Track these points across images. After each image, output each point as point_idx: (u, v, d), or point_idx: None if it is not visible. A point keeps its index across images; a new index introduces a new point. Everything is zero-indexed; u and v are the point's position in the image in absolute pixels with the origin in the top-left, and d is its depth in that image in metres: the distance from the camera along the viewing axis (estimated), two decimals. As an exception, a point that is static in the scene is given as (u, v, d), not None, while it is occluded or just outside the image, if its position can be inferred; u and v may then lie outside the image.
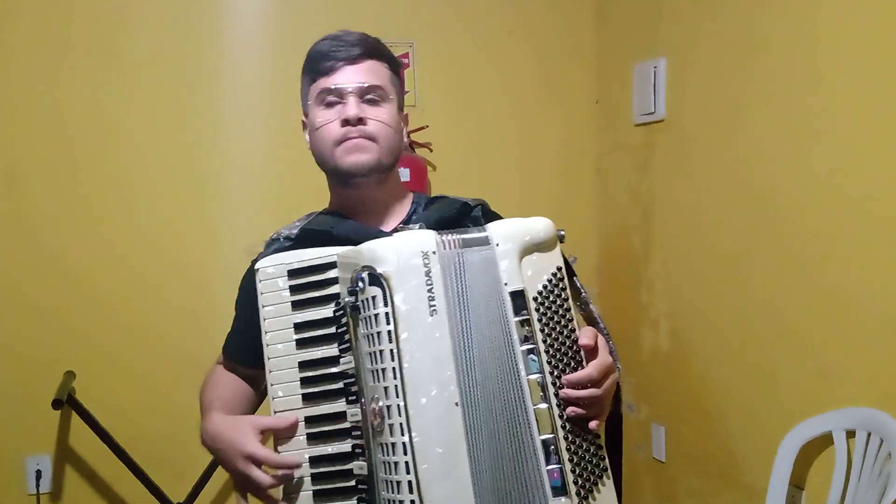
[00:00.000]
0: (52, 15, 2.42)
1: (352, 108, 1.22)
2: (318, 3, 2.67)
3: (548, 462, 1.06)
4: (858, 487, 1.79)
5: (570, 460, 1.07)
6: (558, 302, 1.11)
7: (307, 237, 1.24)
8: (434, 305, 1.07)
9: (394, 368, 1.04)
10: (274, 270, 1.18)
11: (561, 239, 1.16)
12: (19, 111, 2.41)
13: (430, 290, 1.07)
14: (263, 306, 1.17)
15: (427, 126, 2.65)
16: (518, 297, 1.09)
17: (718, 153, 2.31)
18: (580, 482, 1.08)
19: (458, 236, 1.11)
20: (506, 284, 1.09)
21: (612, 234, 2.88)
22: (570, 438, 1.08)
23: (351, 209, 1.30)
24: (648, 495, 2.70)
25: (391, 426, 1.04)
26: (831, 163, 1.92)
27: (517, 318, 1.08)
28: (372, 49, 1.28)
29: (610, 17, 2.86)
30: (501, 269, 1.10)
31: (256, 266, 1.19)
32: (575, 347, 1.11)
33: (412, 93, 2.73)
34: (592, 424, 1.08)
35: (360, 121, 1.22)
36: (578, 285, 1.22)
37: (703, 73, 2.37)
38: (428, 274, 1.07)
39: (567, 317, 1.11)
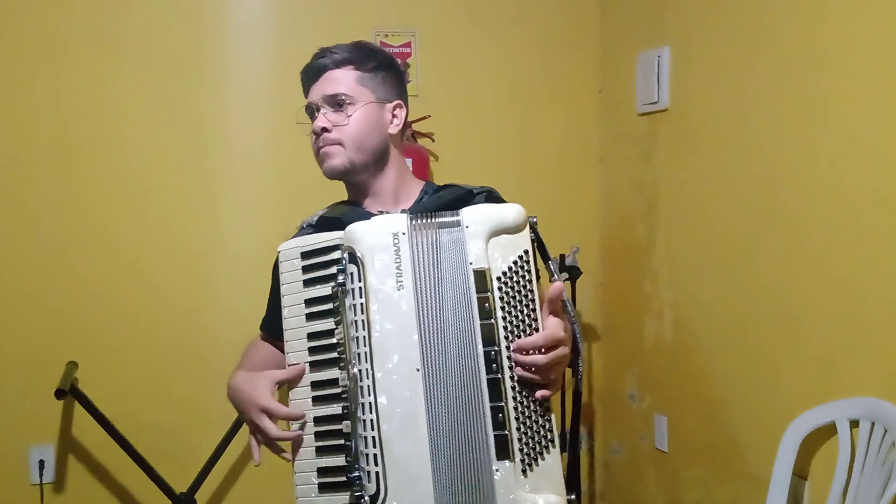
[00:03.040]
0: (53, 7, 2.41)
1: (316, 120, 1.40)
2: (322, -7, 2.66)
3: (495, 428, 1.17)
4: (862, 477, 1.78)
5: (518, 429, 1.17)
6: (522, 283, 1.20)
7: (325, 224, 1.40)
8: (401, 281, 1.20)
9: (364, 337, 1.19)
10: (291, 253, 1.32)
11: (532, 225, 1.25)
12: (21, 105, 2.41)
13: (398, 268, 1.20)
14: (283, 284, 1.33)
15: (429, 116, 2.64)
16: (481, 276, 1.20)
17: (722, 143, 2.30)
18: (525, 449, 1.17)
19: (432, 219, 1.23)
20: (471, 263, 1.20)
21: (616, 224, 2.87)
22: (519, 409, 1.18)
23: (362, 197, 1.46)
24: (651, 485, 2.71)
25: (362, 388, 1.18)
26: (836, 152, 1.90)
27: (479, 295, 1.19)
28: (334, 60, 1.42)
29: (613, 6, 2.84)
30: (469, 249, 1.20)
31: (279, 248, 1.34)
32: (533, 325, 1.20)
33: (414, 82, 2.72)
34: (539, 393, 1.19)
35: (325, 129, 1.39)
36: (552, 269, 1.29)
37: (707, 62, 2.36)
38: (397, 253, 1.21)
39: (529, 297, 1.20)
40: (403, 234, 1.21)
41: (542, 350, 1.18)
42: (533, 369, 1.18)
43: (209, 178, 2.58)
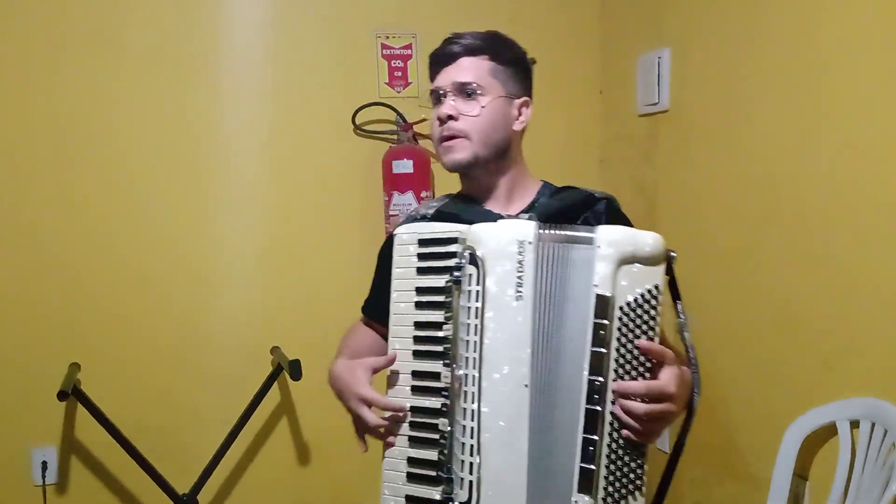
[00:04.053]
0: (51, 8, 2.42)
1: (442, 107, 1.36)
2: (321, -6, 2.66)
3: (583, 460, 1.13)
4: (862, 478, 1.78)
5: (607, 466, 1.14)
6: (644, 318, 1.16)
7: (442, 218, 1.37)
8: (521, 291, 1.15)
9: (475, 342, 1.15)
10: (408, 237, 1.29)
11: (670, 259, 1.19)
12: (19, 106, 2.41)
13: (519, 277, 1.16)
14: (395, 268, 1.29)
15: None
16: (603, 301, 1.14)
17: (722, 144, 2.30)
18: (610, 489, 1.15)
19: (564, 232, 1.18)
20: (595, 286, 1.14)
21: (616, 224, 2.87)
22: (613, 446, 1.15)
23: (477, 193, 1.43)
24: (652, 485, 2.70)
25: (465, 393, 1.15)
26: (836, 153, 1.91)
27: (597, 321, 1.14)
28: (468, 48, 1.37)
29: (614, 7, 2.84)
30: (596, 271, 1.15)
31: (395, 232, 1.31)
32: (647, 364, 1.16)
33: (415, 84, 2.73)
34: (624, 432, 1.14)
35: (451, 117, 1.34)
36: (678, 309, 1.24)
37: (707, 63, 2.36)
38: (521, 262, 1.16)
39: (649, 334, 1.16)
40: (530, 243, 1.16)
41: (644, 399, 1.14)
42: (631, 412, 1.14)
43: (207, 182, 2.59)
